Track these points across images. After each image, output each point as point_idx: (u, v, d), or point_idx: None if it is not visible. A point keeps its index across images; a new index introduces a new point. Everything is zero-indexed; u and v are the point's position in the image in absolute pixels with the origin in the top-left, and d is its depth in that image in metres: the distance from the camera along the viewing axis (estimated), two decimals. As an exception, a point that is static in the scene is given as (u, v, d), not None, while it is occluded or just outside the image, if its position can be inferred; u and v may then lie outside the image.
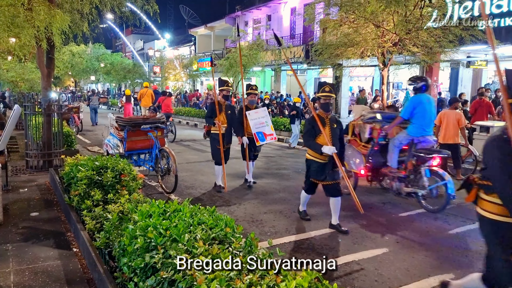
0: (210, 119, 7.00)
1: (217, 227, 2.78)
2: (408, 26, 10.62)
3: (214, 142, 6.99)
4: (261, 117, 7.13)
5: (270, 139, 7.22)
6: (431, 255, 4.38)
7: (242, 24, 30.29)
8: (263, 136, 7.08)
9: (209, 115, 7.03)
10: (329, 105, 4.97)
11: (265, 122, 7.13)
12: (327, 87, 5.01)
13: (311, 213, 5.82)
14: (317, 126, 4.87)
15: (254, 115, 7.08)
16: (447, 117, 8.12)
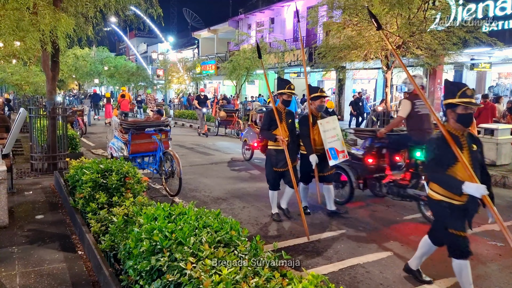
0: (268, 133, 5.45)
1: (222, 230, 2.78)
2: (411, 29, 10.62)
3: (271, 161, 5.55)
4: (332, 128, 5.57)
5: (343, 157, 5.54)
6: (437, 259, 4.36)
7: (245, 27, 30.38)
8: (336, 153, 5.50)
9: (267, 127, 5.48)
10: (289, 102, 5.51)
11: (337, 135, 5.58)
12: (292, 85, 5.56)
13: (315, 216, 5.82)
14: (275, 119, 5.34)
15: (326, 125, 5.55)
16: None
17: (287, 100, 5.49)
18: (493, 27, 13.50)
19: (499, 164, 9.08)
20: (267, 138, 5.53)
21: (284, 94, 5.43)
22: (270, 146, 5.54)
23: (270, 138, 5.43)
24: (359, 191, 6.41)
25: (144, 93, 35.07)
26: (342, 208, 6.05)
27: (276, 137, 5.30)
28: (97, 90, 35.30)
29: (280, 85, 5.54)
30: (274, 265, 2.38)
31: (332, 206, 5.79)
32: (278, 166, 5.45)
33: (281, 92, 5.46)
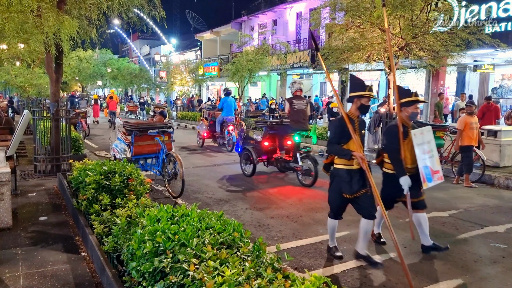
0: (340, 148, 4.21)
1: (225, 232, 2.79)
2: (414, 31, 10.61)
3: (339, 185, 4.32)
4: (427, 142, 4.42)
5: (438, 178, 4.47)
6: (439, 260, 4.36)
7: (248, 29, 30.43)
8: (430, 174, 4.39)
9: (337, 140, 4.25)
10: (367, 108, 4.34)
11: (431, 150, 4.44)
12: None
13: (317, 218, 5.82)
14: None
15: (421, 138, 4.37)
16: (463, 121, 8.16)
17: (365, 106, 4.27)
18: (496, 28, 13.48)
19: (503, 166, 9.06)
20: (339, 155, 4.23)
21: (364, 97, 4.20)
22: (339, 165, 4.30)
23: (344, 155, 4.16)
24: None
25: (147, 94, 35.20)
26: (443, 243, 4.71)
27: (353, 153, 4.09)
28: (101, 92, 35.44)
29: (357, 86, 4.31)
30: (276, 266, 2.39)
31: (428, 239, 4.56)
32: (350, 191, 4.23)
33: (359, 95, 4.21)
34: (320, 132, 13.56)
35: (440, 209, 6.30)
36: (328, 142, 4.40)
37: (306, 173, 7.85)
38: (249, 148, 8.62)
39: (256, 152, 8.51)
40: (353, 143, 4.15)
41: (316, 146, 12.25)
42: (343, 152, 4.18)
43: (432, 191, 7.63)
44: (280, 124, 8.67)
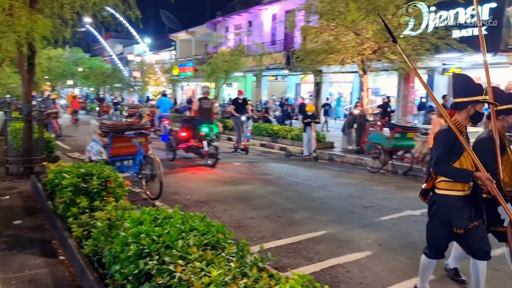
0: (453, 168, 3.24)
1: (209, 233, 2.85)
2: (386, 35, 10.90)
3: (446, 215, 3.33)
4: None
5: None
6: (413, 257, 4.54)
7: (223, 29, 30.43)
8: None
9: (446, 157, 3.23)
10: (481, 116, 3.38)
11: None
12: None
13: (295, 218, 5.94)
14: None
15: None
16: (434, 123, 8.43)
17: (480, 114, 3.31)
18: (463, 33, 14.01)
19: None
20: (455, 178, 3.25)
21: (479, 103, 3.26)
22: (446, 190, 3.32)
23: (463, 176, 3.22)
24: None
25: (120, 95, 34.60)
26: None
27: (476, 175, 3.14)
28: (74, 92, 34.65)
29: (471, 89, 3.30)
30: (261, 266, 2.46)
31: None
32: (463, 225, 3.26)
33: (474, 100, 3.24)
34: (295, 133, 13.77)
35: (412, 207, 6.53)
36: (436, 162, 3.25)
37: (211, 156, 10.01)
38: (170, 138, 10.73)
39: (175, 141, 10.64)
40: (466, 160, 3.23)
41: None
42: (462, 173, 3.20)
43: (404, 191, 7.90)
44: (192, 118, 10.98)
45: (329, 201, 6.93)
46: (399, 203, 6.90)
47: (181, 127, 10.91)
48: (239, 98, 13.06)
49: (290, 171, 9.81)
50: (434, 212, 3.45)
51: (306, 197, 7.22)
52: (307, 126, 11.55)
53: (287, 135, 14.14)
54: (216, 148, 9.99)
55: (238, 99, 13.07)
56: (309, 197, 7.22)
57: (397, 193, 7.72)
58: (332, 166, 10.82)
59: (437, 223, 3.43)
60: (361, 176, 9.44)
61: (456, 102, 3.35)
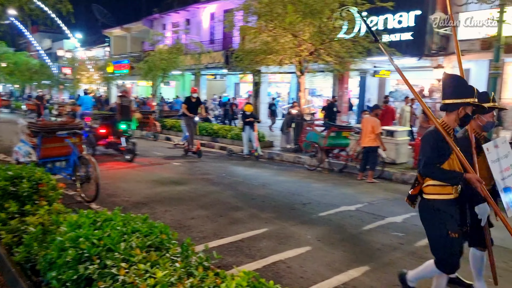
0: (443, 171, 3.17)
1: (152, 235, 2.80)
2: (322, 37, 11.33)
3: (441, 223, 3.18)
4: (504, 156, 3.44)
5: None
6: (349, 250, 4.78)
7: (160, 27, 29.78)
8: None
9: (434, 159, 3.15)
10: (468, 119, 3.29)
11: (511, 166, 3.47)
12: None
13: (236, 217, 5.99)
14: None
15: (494, 152, 3.39)
16: (367, 123, 8.87)
17: (469, 116, 3.23)
18: (391, 38, 14.90)
19: (399, 163, 10.06)
20: (445, 180, 3.17)
21: (470, 105, 3.17)
22: (435, 195, 3.22)
23: (452, 178, 3.15)
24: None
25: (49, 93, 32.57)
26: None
27: (466, 176, 3.09)
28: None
29: (463, 90, 3.19)
30: (206, 265, 2.48)
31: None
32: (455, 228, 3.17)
33: (466, 102, 3.15)
34: (235, 132, 13.85)
35: (347, 203, 6.85)
36: (424, 164, 3.14)
37: (129, 152, 10.38)
38: (90, 135, 10.75)
39: (95, 138, 10.87)
40: (453, 161, 3.16)
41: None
42: (451, 175, 3.13)
43: (340, 187, 8.26)
44: (111, 115, 11.43)
45: (269, 199, 7.07)
46: (335, 199, 7.20)
47: (100, 124, 11.21)
48: (193, 97, 12.09)
49: (231, 170, 9.86)
50: (429, 222, 3.27)
51: (247, 195, 7.31)
52: (246, 126, 11.66)
53: (227, 135, 14.18)
54: (134, 144, 10.43)
55: (191, 98, 12.10)
56: (250, 195, 7.31)
57: (333, 189, 8.05)
58: (271, 164, 11.03)
59: (438, 232, 3.20)
60: (299, 174, 9.72)
61: (446, 103, 3.20)
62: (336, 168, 10.26)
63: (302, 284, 3.87)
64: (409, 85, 3.43)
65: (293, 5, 10.61)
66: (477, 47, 11.68)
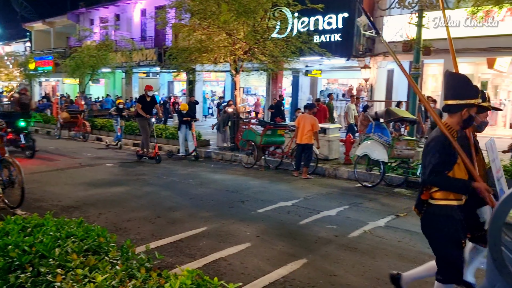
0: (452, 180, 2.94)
1: (89, 238, 2.69)
2: (256, 36, 11.49)
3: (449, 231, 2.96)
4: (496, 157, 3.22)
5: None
6: (287, 245, 4.91)
7: (87, 22, 28.40)
8: None
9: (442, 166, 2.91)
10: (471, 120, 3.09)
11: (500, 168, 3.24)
12: None
13: (175, 217, 5.91)
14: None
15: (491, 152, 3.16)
16: (305, 121, 9.13)
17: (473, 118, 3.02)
18: (322, 39, 15.49)
19: (331, 159, 10.51)
20: (454, 189, 2.96)
21: (473, 107, 2.96)
22: (442, 200, 2.97)
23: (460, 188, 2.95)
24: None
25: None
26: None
27: (474, 185, 2.87)
28: None
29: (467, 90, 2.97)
30: (148, 266, 2.43)
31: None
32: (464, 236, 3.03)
33: (471, 103, 2.94)
34: (170, 131, 13.62)
35: (284, 199, 7.03)
36: (431, 172, 2.89)
37: (29, 148, 10.59)
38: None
39: None
40: (460, 168, 2.96)
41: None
42: (459, 184, 2.92)
43: (276, 184, 8.45)
44: (10, 113, 11.46)
45: (207, 198, 7.05)
46: (273, 195, 7.36)
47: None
48: (147, 95, 11.05)
49: (167, 170, 9.68)
50: (435, 229, 3.01)
51: (185, 195, 7.23)
52: (182, 125, 11.46)
53: (161, 134, 13.89)
54: (33, 140, 10.70)
55: (145, 96, 11.04)
56: (188, 195, 7.25)
57: (270, 186, 8.22)
58: (208, 163, 10.99)
59: (446, 240, 2.96)
60: (236, 172, 9.79)
61: (448, 104, 2.98)
62: (272, 165, 10.48)
63: (243, 280, 3.92)
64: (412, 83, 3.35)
65: (227, 4, 10.66)
66: (399, 49, 12.49)
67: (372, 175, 8.79)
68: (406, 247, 4.93)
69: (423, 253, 4.65)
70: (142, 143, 11.11)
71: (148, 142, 11.02)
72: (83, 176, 8.65)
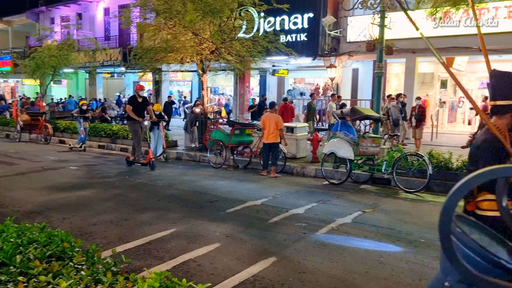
0: None
1: (52, 244, 2.61)
2: (223, 36, 11.46)
3: None
4: None
5: None
6: (256, 243, 4.94)
7: (48, 21, 27.51)
8: None
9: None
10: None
11: None
12: None
13: (142, 219, 5.82)
14: None
15: None
16: (269, 120, 9.17)
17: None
18: (289, 38, 15.63)
19: (299, 157, 10.63)
20: None
21: None
22: (489, 211, 2.64)
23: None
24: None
25: None
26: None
27: None
28: None
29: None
30: (115, 270, 2.38)
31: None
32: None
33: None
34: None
35: (253, 198, 7.06)
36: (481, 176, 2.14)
37: None
38: None
39: None
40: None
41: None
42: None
43: (245, 183, 8.47)
44: None
45: (176, 199, 6.98)
46: (242, 195, 7.37)
47: None
48: (139, 96, 10.10)
49: (134, 172, 9.51)
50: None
51: (153, 197, 7.13)
52: (154, 126, 11.19)
53: (128, 135, 13.62)
54: None
55: (137, 98, 10.08)
56: (156, 196, 7.15)
57: (239, 186, 8.22)
58: (177, 164, 10.88)
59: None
60: (205, 172, 9.74)
61: (498, 105, 2.75)
62: (241, 165, 10.49)
63: (213, 280, 3.91)
64: (458, 83, 3.09)
65: (193, 3, 10.57)
66: (363, 49, 12.78)
67: (339, 173, 8.96)
68: (368, 244, 5.05)
69: (387, 247, 4.79)
70: (133, 149, 10.24)
71: (140, 147, 10.16)
72: (46, 180, 8.37)
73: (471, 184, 1.08)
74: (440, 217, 1.07)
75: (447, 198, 1.08)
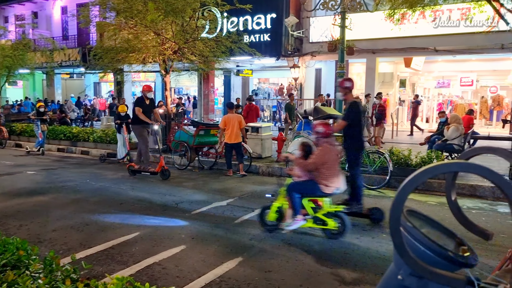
0: None
1: (7, 252, 2.50)
2: (186, 36, 11.34)
3: None
4: None
5: None
6: (223, 244, 4.92)
7: (1, 20, 26.31)
8: None
9: None
10: None
11: None
12: None
13: (105, 224, 5.67)
14: None
15: None
16: (231, 120, 9.15)
17: None
18: (252, 39, 15.69)
19: (264, 157, 10.68)
20: None
21: None
22: None
23: None
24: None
25: None
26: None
27: None
28: None
29: None
30: (75, 277, 2.31)
31: None
32: None
33: None
34: (98, 135, 13.05)
35: (219, 199, 7.03)
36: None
37: None
38: None
39: None
40: None
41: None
42: None
43: (211, 184, 8.42)
44: None
45: (140, 202, 6.85)
46: (207, 196, 7.32)
47: None
48: (146, 97, 9.21)
49: (95, 175, 9.25)
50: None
51: (115, 200, 6.96)
52: (121, 128, 10.91)
53: (89, 138, 13.24)
54: None
55: (144, 99, 9.17)
56: (119, 200, 6.98)
57: (204, 187, 8.16)
58: (140, 166, 10.65)
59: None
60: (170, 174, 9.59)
61: None
62: (206, 166, 10.42)
63: (178, 283, 3.86)
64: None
65: (154, 2, 10.39)
66: (325, 49, 13.01)
67: (303, 171, 9.06)
68: (333, 241, 5.14)
69: (351, 243, 4.90)
70: (139, 155, 9.25)
71: (148, 155, 9.30)
72: (1, 186, 8.00)
73: (418, 180, 1.12)
74: (390, 211, 1.11)
75: (396, 194, 1.12)
